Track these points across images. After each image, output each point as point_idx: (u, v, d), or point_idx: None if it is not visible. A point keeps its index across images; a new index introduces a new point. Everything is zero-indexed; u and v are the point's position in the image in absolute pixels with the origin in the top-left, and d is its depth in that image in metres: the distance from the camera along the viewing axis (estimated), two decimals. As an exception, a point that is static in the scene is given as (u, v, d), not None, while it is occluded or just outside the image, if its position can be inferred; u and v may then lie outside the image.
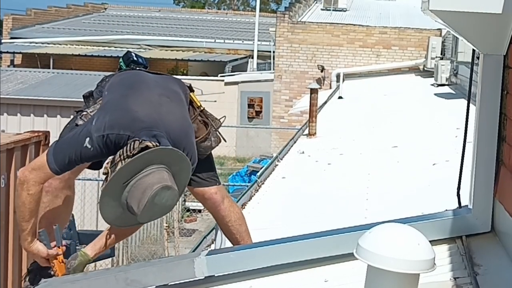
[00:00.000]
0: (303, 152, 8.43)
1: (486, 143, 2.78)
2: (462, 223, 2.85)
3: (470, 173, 2.88)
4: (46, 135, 7.36)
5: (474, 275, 2.49)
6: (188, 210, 14.93)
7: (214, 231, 4.52)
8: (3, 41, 28.11)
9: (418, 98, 13.88)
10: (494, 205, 2.81)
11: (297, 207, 5.77)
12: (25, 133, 7.48)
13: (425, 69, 18.06)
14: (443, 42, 17.72)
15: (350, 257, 2.44)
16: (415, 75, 18.64)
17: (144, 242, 12.28)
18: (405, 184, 5.99)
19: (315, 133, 9.76)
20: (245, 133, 21.85)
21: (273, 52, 21.11)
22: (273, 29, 20.39)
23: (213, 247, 4.48)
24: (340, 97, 15.27)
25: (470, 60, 3.11)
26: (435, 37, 17.99)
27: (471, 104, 2.97)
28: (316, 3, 23.00)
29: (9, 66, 26.56)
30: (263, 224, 4.95)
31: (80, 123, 3.24)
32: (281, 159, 8.16)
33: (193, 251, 4.96)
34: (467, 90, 3.20)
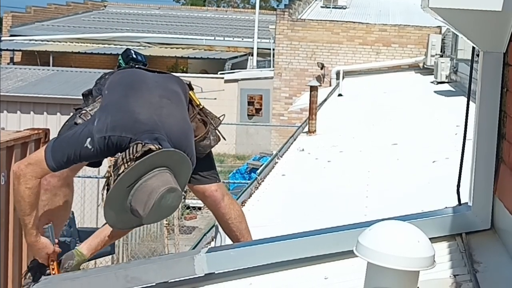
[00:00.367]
0: (303, 149, 8.43)
1: (486, 141, 2.78)
2: (462, 220, 2.86)
3: (470, 170, 2.88)
4: (46, 132, 7.36)
5: (474, 273, 2.49)
6: (188, 207, 14.92)
7: (214, 228, 4.52)
8: (2, 38, 28.09)
9: (418, 95, 13.87)
10: (493, 203, 2.81)
11: (297, 204, 5.76)
12: (25, 130, 7.48)
13: (425, 66, 18.04)
14: (443, 39, 17.70)
15: (350, 254, 2.44)
16: (415, 73, 18.63)
17: (144, 239, 12.28)
18: (405, 181, 5.99)
19: (315, 131, 9.75)
20: (245, 130, 21.86)
21: (273, 49, 21.10)
22: (273, 27, 20.37)
23: (213, 244, 4.48)
24: (340, 95, 15.26)
25: (470, 57, 3.10)
26: (435, 34, 17.97)
27: (471, 101, 2.97)
28: (316, 0, 22.98)
29: (8, 63, 26.50)
30: (263, 221, 4.95)
31: (79, 121, 3.22)
32: (281, 157, 8.15)
33: (193, 249, 4.96)
34: (467, 87, 3.20)
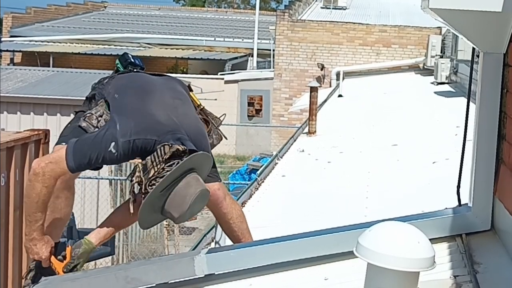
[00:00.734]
0: (303, 150, 8.43)
1: (486, 141, 2.78)
2: (462, 221, 2.86)
3: (470, 171, 2.88)
4: (46, 133, 7.35)
5: (474, 273, 2.49)
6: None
7: (214, 229, 4.51)
8: (3, 39, 28.09)
9: (418, 96, 13.88)
10: (494, 203, 2.81)
11: (297, 205, 5.76)
12: (25, 131, 7.48)
13: (425, 67, 18.05)
14: (443, 40, 17.70)
15: (350, 255, 2.44)
16: (415, 73, 18.64)
17: (144, 240, 12.27)
18: (405, 182, 5.99)
19: (315, 131, 9.75)
20: (245, 131, 21.85)
21: (273, 50, 21.11)
22: (273, 28, 20.38)
23: (213, 245, 4.47)
24: (340, 95, 15.26)
25: (470, 58, 3.11)
26: (435, 35, 17.98)
27: (471, 102, 2.97)
28: (316, 1, 23.00)
29: (9, 64, 26.50)
30: (263, 222, 4.95)
31: (84, 124, 3.22)
32: (281, 158, 8.15)
33: (193, 249, 4.96)
34: (467, 88, 3.20)
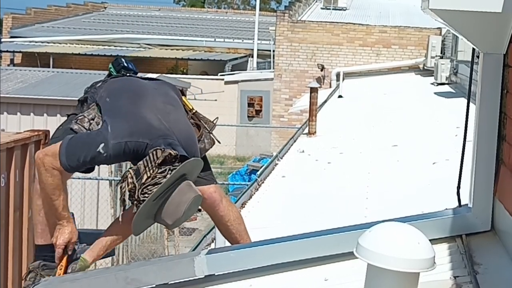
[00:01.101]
0: (303, 151, 8.43)
1: (486, 142, 2.78)
2: (462, 222, 2.85)
3: (470, 172, 2.88)
4: (46, 134, 7.35)
5: (474, 274, 2.49)
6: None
7: (214, 230, 4.52)
8: (3, 40, 28.11)
9: (418, 97, 13.88)
10: (494, 204, 2.81)
11: (297, 206, 5.77)
12: (25, 132, 7.48)
13: (425, 68, 18.05)
14: (443, 41, 17.71)
15: (350, 256, 2.43)
16: (415, 74, 18.64)
17: (144, 241, 12.27)
18: (405, 183, 5.99)
19: (315, 132, 9.76)
20: (245, 132, 21.85)
21: (273, 51, 21.11)
22: (273, 28, 20.39)
23: (213, 246, 4.48)
24: (340, 96, 15.26)
25: (470, 59, 3.11)
26: (435, 36, 17.98)
27: (471, 103, 2.97)
28: (316, 2, 23.01)
29: (9, 65, 26.51)
30: (263, 223, 4.95)
31: (75, 127, 3.23)
32: (281, 158, 8.16)
33: (193, 250, 4.96)
34: (467, 89, 3.20)
